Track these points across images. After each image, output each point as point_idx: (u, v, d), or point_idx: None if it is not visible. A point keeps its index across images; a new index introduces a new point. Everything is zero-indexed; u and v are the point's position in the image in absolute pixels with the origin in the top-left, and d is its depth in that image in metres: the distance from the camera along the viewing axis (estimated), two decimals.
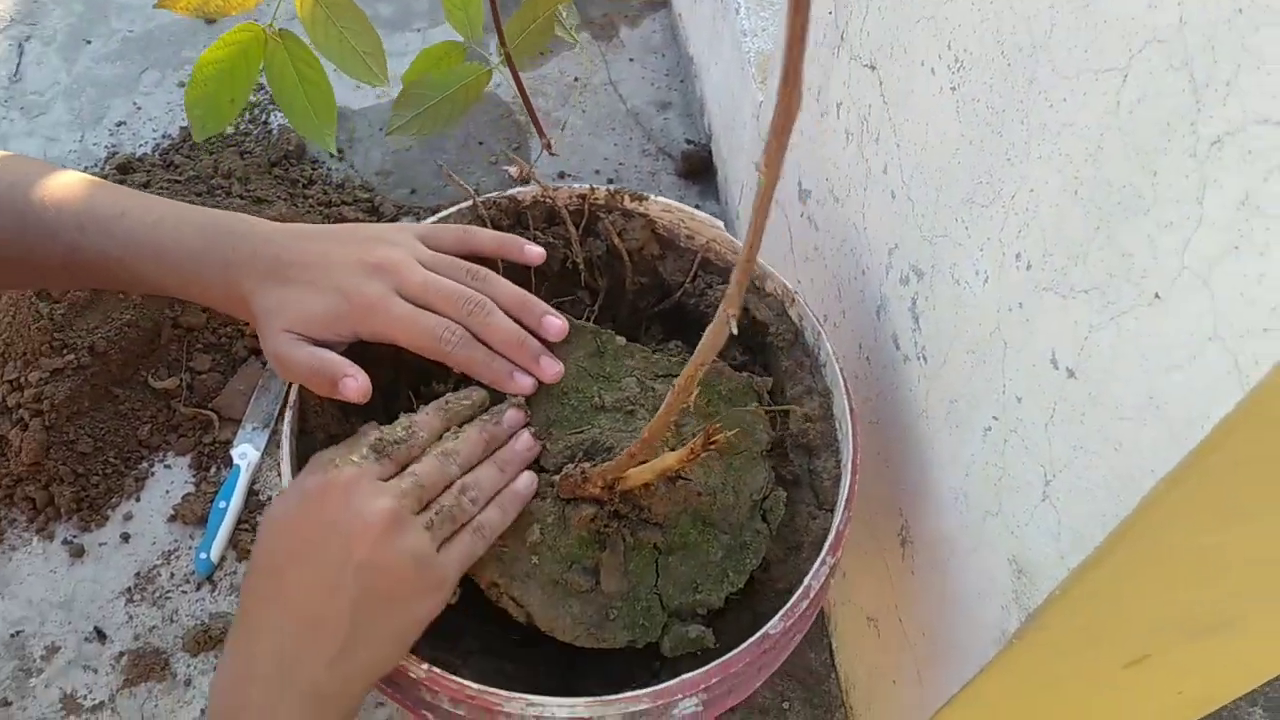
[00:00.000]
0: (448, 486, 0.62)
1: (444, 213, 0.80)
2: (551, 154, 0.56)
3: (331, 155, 0.79)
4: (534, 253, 0.75)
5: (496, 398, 0.71)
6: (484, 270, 0.72)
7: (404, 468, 0.61)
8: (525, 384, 0.71)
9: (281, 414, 0.73)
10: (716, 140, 1.45)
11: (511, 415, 0.69)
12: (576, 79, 1.57)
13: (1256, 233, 0.40)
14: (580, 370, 0.73)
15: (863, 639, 1.05)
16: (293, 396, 0.70)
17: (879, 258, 0.81)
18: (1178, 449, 0.47)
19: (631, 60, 1.62)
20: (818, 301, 0.99)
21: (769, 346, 0.81)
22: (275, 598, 0.56)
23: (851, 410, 0.74)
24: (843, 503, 0.72)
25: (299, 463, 0.70)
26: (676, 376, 0.75)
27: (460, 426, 0.67)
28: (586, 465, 0.66)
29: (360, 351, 0.69)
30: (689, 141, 1.51)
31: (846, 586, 1.09)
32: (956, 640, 0.77)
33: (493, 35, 0.74)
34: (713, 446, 0.60)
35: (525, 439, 0.69)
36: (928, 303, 0.73)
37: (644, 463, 0.64)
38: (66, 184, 0.68)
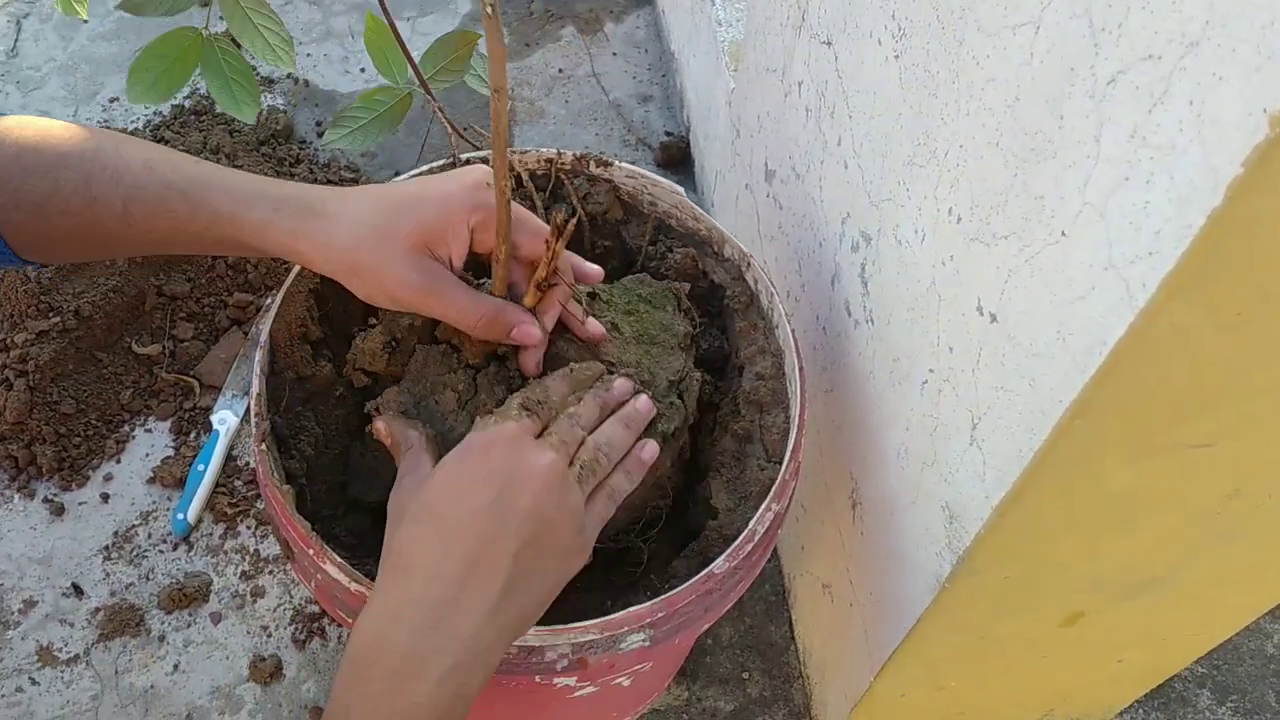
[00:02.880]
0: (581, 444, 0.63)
1: (419, 169, 0.83)
2: (453, 130, 0.61)
3: (251, 122, 0.91)
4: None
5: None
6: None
7: (545, 428, 0.62)
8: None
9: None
10: (694, 131, 1.49)
11: (621, 383, 0.69)
12: (561, 70, 1.61)
13: (1143, 163, 0.44)
14: None
15: (818, 607, 1.08)
16: (263, 337, 0.74)
17: (833, 228, 0.85)
18: (1080, 377, 0.51)
19: (615, 54, 1.66)
20: (781, 277, 1.03)
21: (726, 309, 0.84)
22: (435, 542, 0.55)
23: (801, 369, 0.78)
24: (789, 454, 0.75)
25: (270, 402, 0.73)
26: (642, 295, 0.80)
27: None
28: None
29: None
30: (668, 133, 1.55)
31: (805, 558, 1.12)
32: (897, 593, 0.80)
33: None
34: (562, 234, 0.63)
35: (644, 400, 0.69)
36: (875, 266, 0.77)
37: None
38: (130, 138, 0.65)
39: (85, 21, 1.54)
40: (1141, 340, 0.47)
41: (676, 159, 1.50)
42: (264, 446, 0.70)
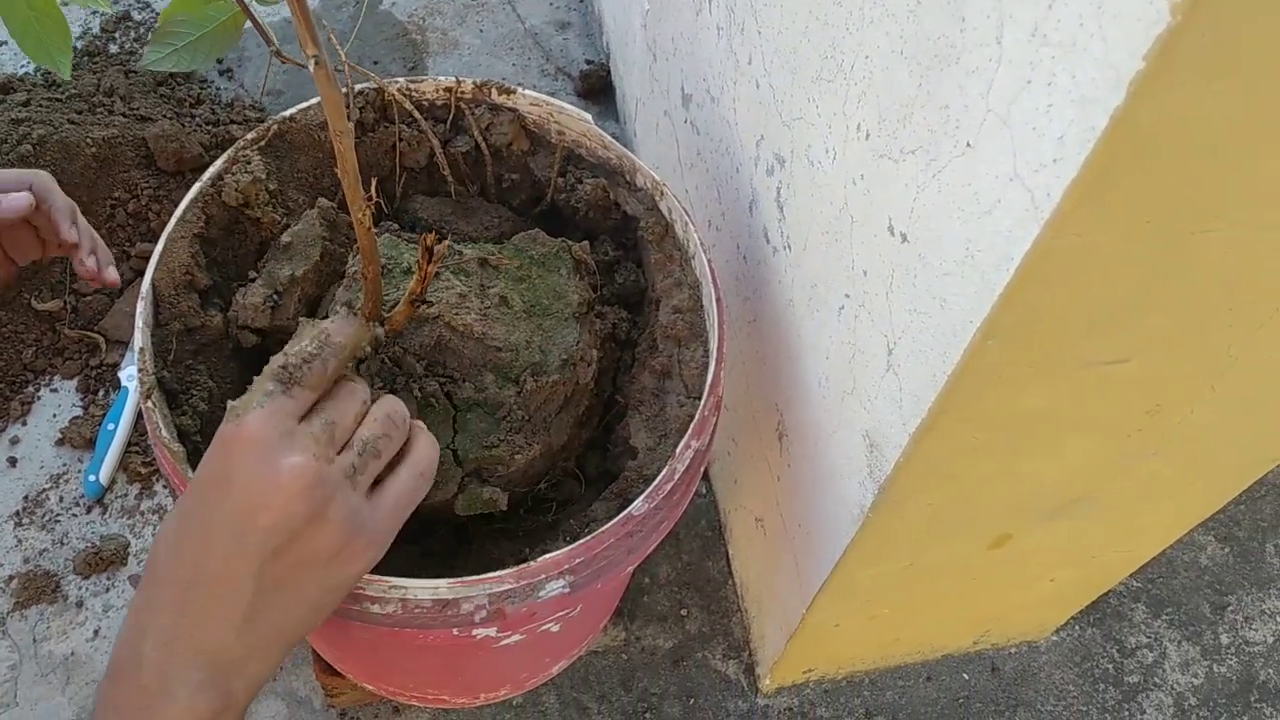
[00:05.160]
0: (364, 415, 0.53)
1: (307, 103, 0.78)
2: (284, 61, 0.56)
3: (67, 78, 0.74)
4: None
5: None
6: None
7: (321, 392, 0.52)
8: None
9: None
10: (614, 58, 1.44)
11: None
12: None
13: (1044, 63, 0.41)
14: (394, 240, 0.74)
15: (752, 541, 1.06)
16: (144, 287, 0.69)
17: (749, 152, 0.82)
18: (990, 295, 0.48)
19: None
20: (702, 205, 1.00)
21: (640, 240, 0.81)
22: (179, 552, 0.50)
23: (718, 300, 0.75)
24: (707, 389, 0.72)
25: (156, 357, 0.69)
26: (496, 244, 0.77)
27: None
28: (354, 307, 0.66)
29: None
30: (588, 61, 1.49)
31: (738, 492, 1.11)
32: (824, 524, 0.79)
33: None
34: (433, 257, 0.58)
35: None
36: (790, 190, 0.74)
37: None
38: None
39: None
40: (1048, 254, 0.44)
41: (598, 88, 1.46)
42: (151, 403, 0.66)
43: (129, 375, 1.18)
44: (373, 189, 0.55)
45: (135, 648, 0.49)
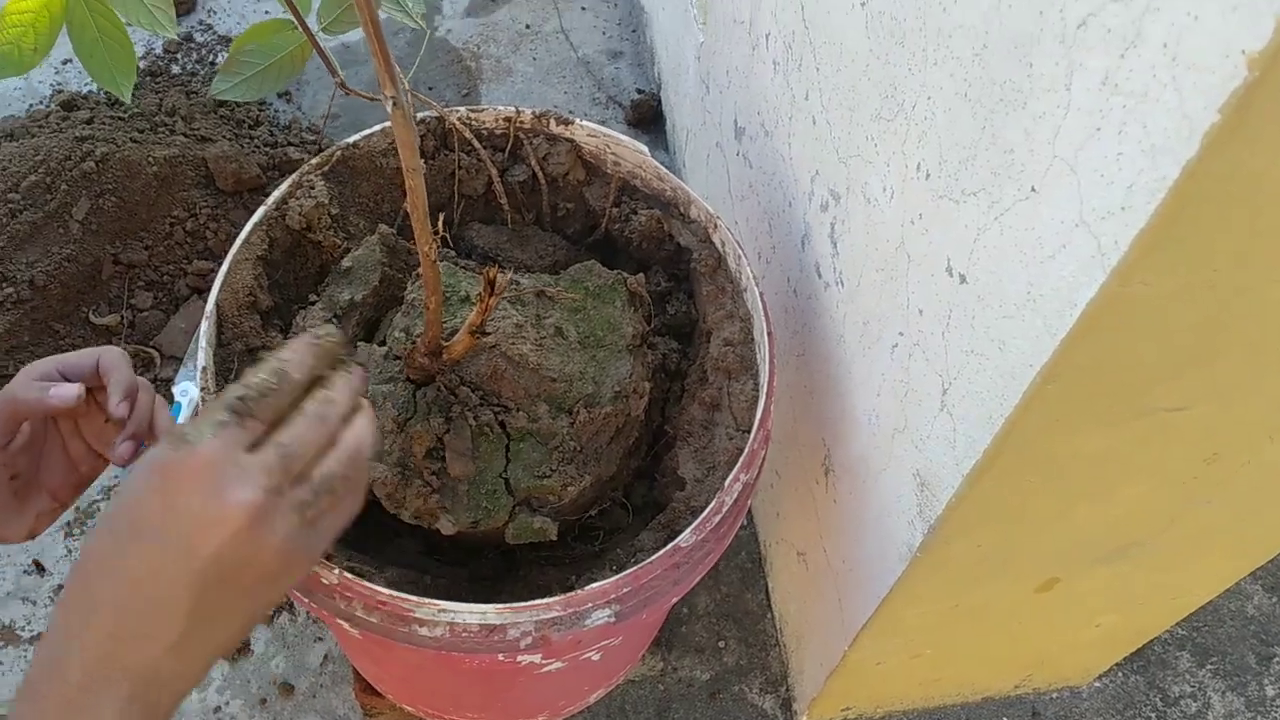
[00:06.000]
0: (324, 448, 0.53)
1: (370, 130, 0.80)
2: (349, 94, 0.57)
3: (128, 102, 0.71)
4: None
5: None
6: None
7: (274, 424, 0.51)
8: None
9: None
10: (665, 88, 1.45)
11: (360, 373, 0.59)
12: (528, 26, 1.57)
13: (1114, 112, 0.41)
14: (451, 268, 0.75)
15: (794, 575, 1.06)
16: (209, 307, 0.71)
17: (803, 186, 0.82)
18: (1051, 340, 0.48)
19: (584, 9, 1.62)
20: (752, 238, 1.00)
21: (693, 272, 0.82)
22: (114, 572, 0.49)
23: (770, 334, 0.75)
24: (757, 423, 0.72)
25: (218, 376, 0.70)
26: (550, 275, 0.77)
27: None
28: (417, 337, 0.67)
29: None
30: (639, 91, 1.51)
31: (780, 525, 1.10)
32: (870, 561, 0.79)
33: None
34: (495, 290, 0.59)
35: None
36: (844, 226, 0.74)
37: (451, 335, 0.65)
38: None
39: None
40: (1114, 300, 0.44)
41: (648, 117, 1.47)
42: None
43: (182, 390, 1.20)
44: (439, 224, 0.56)
45: (63, 661, 0.48)
